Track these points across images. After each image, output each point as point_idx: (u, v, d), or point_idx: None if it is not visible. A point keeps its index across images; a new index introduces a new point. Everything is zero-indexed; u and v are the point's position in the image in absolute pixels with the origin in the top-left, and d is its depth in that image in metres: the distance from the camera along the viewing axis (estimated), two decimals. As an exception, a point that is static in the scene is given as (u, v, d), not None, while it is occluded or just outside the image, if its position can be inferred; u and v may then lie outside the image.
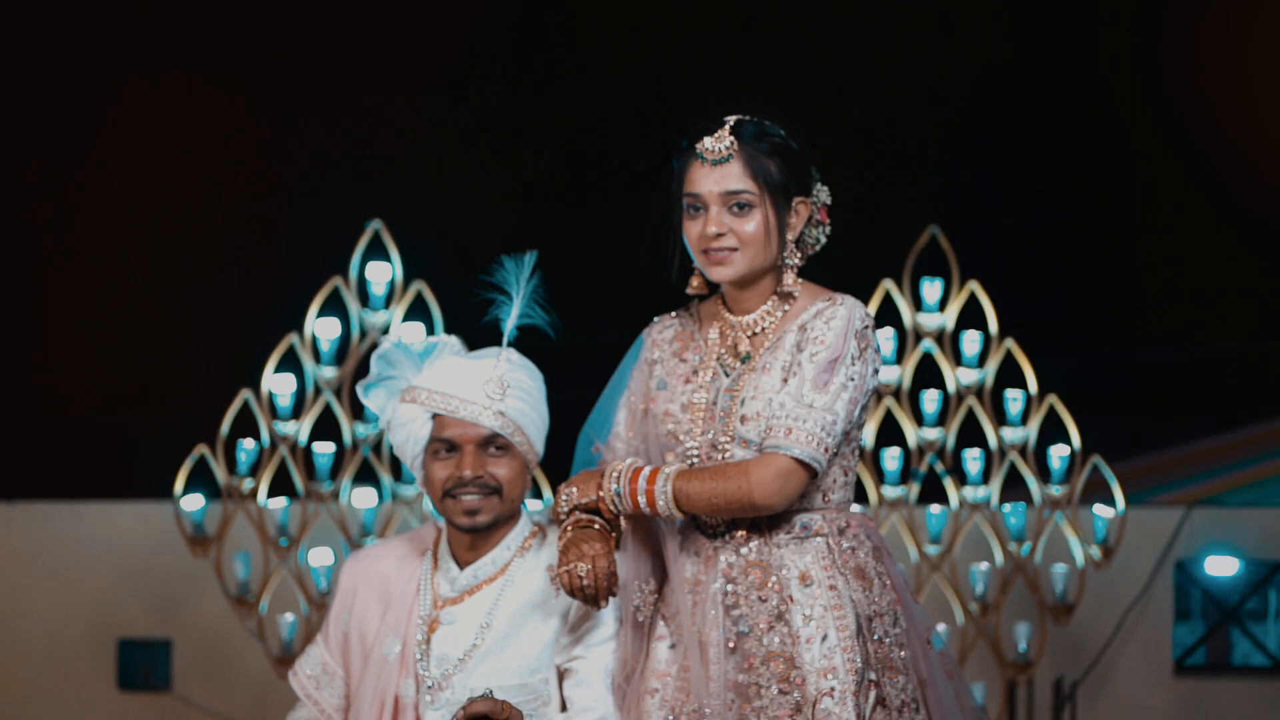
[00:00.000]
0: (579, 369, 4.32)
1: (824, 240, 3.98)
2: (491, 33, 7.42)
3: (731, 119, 3.90)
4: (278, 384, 6.60)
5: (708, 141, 3.87)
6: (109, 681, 7.35)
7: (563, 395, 4.24)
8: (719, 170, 3.87)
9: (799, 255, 3.93)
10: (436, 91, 7.41)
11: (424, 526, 4.18)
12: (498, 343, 4.05)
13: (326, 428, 6.65)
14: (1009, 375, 6.69)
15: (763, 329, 3.93)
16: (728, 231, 3.87)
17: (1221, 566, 7.02)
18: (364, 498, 6.63)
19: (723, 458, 3.87)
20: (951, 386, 6.71)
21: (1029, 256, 7.28)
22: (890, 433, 6.71)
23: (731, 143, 3.86)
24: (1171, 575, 7.09)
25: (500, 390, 4.00)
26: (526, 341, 4.08)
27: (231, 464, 6.62)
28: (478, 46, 7.40)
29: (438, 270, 6.56)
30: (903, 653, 3.91)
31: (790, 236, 3.89)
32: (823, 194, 3.96)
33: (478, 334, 4.10)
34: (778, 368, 3.87)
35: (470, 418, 3.98)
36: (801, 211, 3.90)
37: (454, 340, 4.11)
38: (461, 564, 4.04)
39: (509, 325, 4.06)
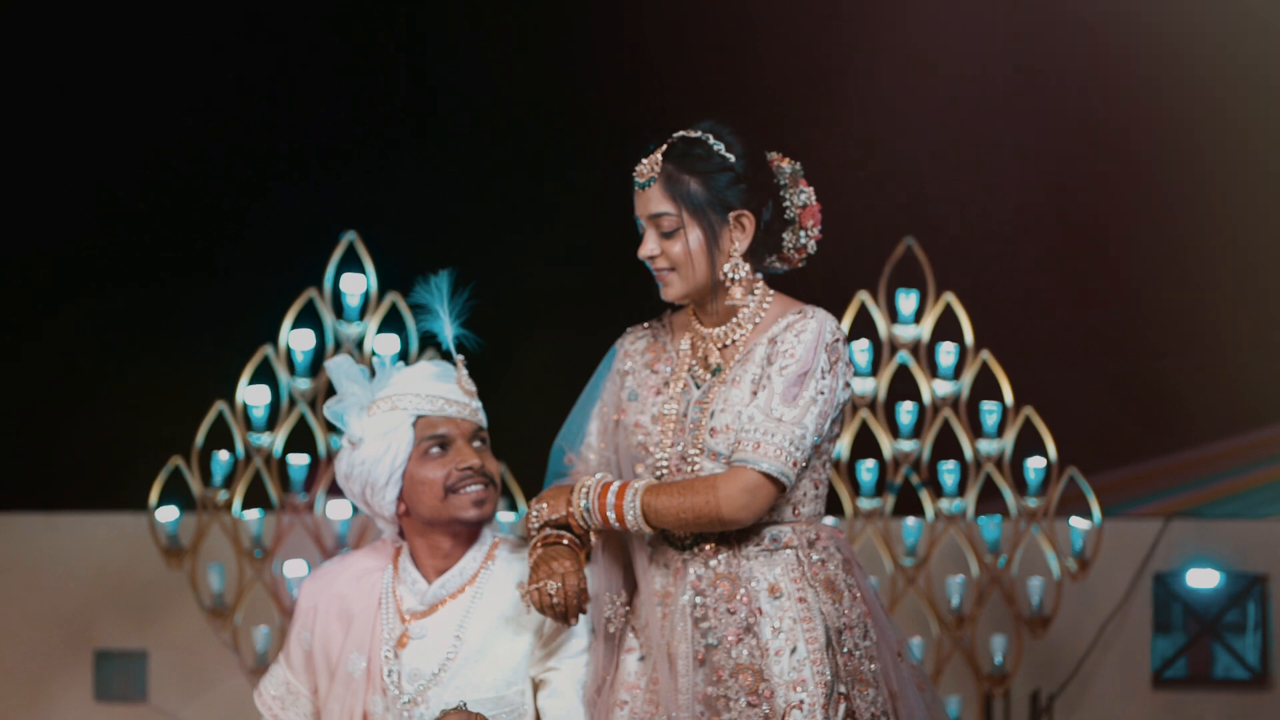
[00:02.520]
0: (560, 379, 4.33)
1: (809, 241, 3.97)
2: (468, 44, 7.42)
3: (677, 135, 3.92)
4: (252, 395, 6.58)
5: (641, 164, 3.91)
6: (85, 693, 7.34)
7: (535, 409, 4.27)
8: (645, 194, 3.91)
9: (748, 268, 3.91)
10: (412, 103, 7.41)
11: (380, 541, 4.18)
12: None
13: (301, 439, 6.64)
14: (985, 387, 6.68)
15: (733, 341, 3.93)
16: (660, 254, 3.90)
17: (1202, 579, 7.01)
18: (339, 509, 6.62)
19: (692, 470, 3.87)
20: (927, 398, 6.71)
21: (1005, 268, 7.27)
22: (865, 444, 6.70)
23: (656, 165, 3.89)
24: (1150, 587, 7.09)
25: (473, 389, 4.06)
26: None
27: (206, 476, 6.61)
28: (454, 57, 7.40)
29: (412, 282, 6.55)
30: (873, 666, 3.91)
31: (734, 250, 3.89)
32: (799, 197, 3.95)
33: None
34: (747, 380, 3.87)
35: (459, 415, 4.02)
36: (747, 226, 3.89)
37: (396, 361, 4.18)
38: (429, 576, 4.04)
39: (448, 337, 4.11)
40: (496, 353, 4.16)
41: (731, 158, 3.88)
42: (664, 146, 3.90)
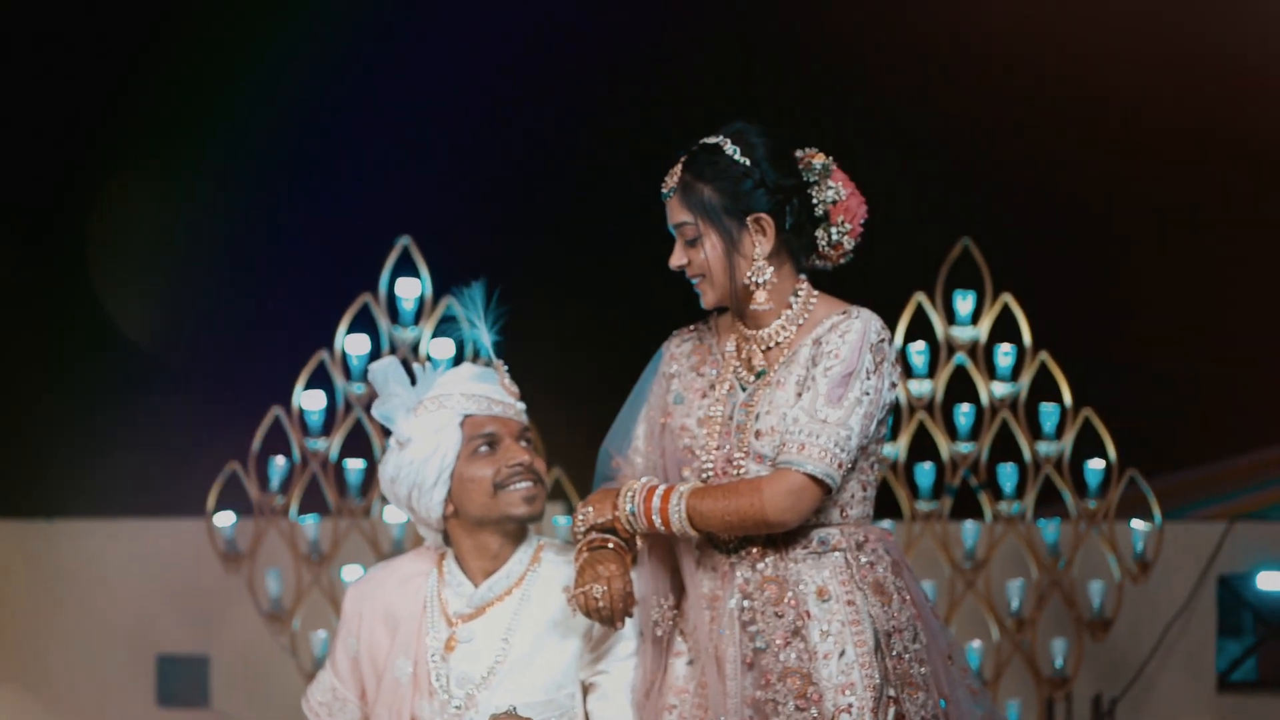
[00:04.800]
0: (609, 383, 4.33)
1: (843, 237, 3.94)
2: (524, 50, 7.42)
3: (698, 144, 3.91)
4: (308, 400, 6.59)
5: (666, 175, 3.90)
6: (149, 698, 7.38)
7: (590, 413, 4.28)
8: (669, 205, 3.94)
9: (771, 271, 3.89)
10: (467, 108, 7.42)
11: (423, 546, 4.18)
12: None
13: (357, 444, 6.64)
14: (1043, 388, 6.62)
15: (778, 343, 3.92)
16: (687, 263, 3.89)
17: (1272, 582, 6.95)
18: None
19: (738, 473, 3.86)
20: (985, 400, 6.65)
21: (1063, 268, 7.21)
22: (923, 446, 6.65)
23: (676, 175, 3.89)
24: (1214, 590, 7.02)
25: (516, 390, 4.09)
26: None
27: (263, 481, 6.62)
28: (508, 64, 7.40)
29: (467, 286, 6.55)
30: (923, 669, 3.88)
31: (758, 253, 3.87)
32: (828, 194, 3.93)
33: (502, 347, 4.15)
34: (792, 382, 3.85)
35: (505, 414, 4.05)
36: (766, 229, 3.87)
37: (450, 366, 4.19)
38: (476, 578, 4.03)
39: (486, 344, 4.14)
40: (547, 357, 4.17)
41: (747, 162, 3.86)
42: (685, 156, 3.91)
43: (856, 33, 7.31)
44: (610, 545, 3.88)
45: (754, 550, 3.87)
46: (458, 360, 6.41)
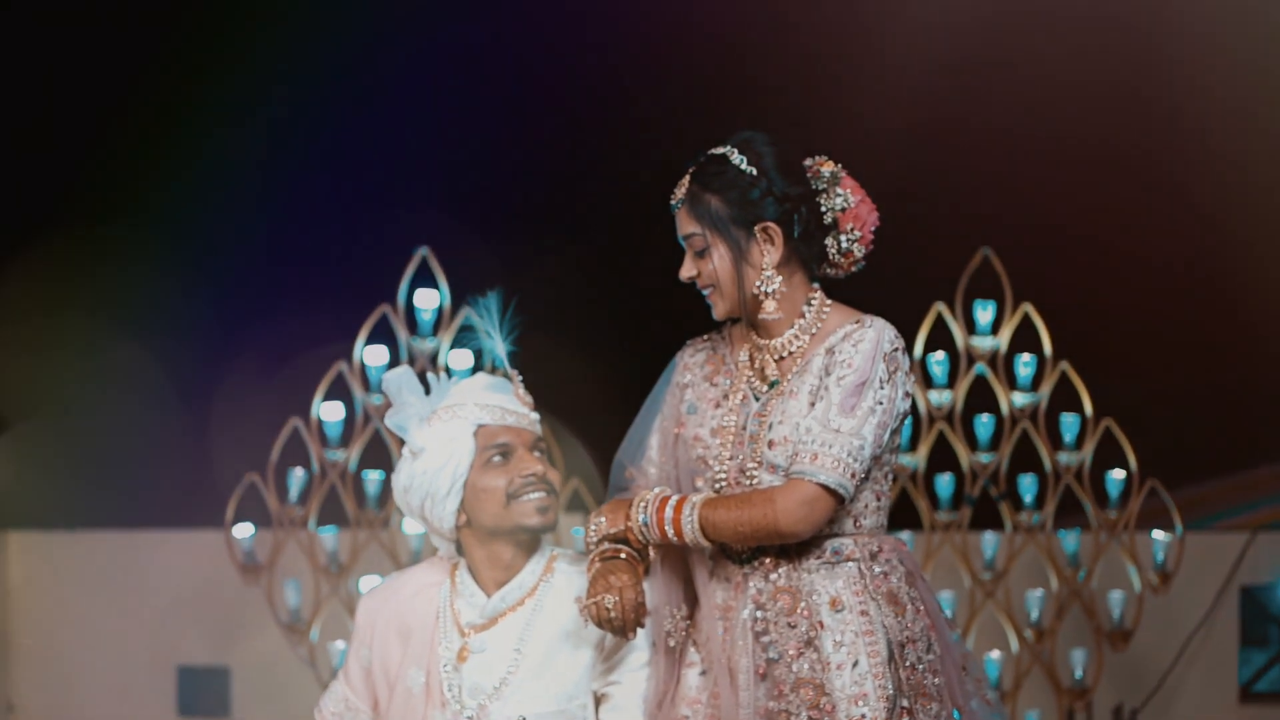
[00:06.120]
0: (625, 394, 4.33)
1: (853, 245, 3.93)
2: (541, 61, 7.43)
3: (705, 154, 3.91)
4: (327, 412, 6.60)
5: (675, 188, 3.90)
6: (169, 708, 7.39)
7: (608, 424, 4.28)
8: (677, 216, 3.94)
9: (780, 280, 3.88)
10: (484, 118, 7.42)
11: (436, 556, 4.18)
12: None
13: (376, 455, 6.65)
14: (1064, 398, 6.61)
15: (790, 353, 3.91)
16: (697, 274, 3.89)
17: (1296, 592, 6.95)
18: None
19: (751, 483, 3.85)
20: (1005, 410, 6.64)
21: (1083, 278, 7.19)
22: (943, 457, 6.64)
23: (684, 187, 3.90)
24: (1236, 601, 7.00)
25: (531, 400, 4.09)
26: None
27: (282, 492, 6.63)
28: (525, 75, 7.41)
29: (483, 296, 6.56)
30: (936, 679, 3.87)
31: (766, 263, 3.87)
32: (836, 201, 3.92)
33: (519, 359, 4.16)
34: (805, 392, 3.85)
35: (519, 424, 4.05)
36: (775, 238, 3.86)
37: (445, 377, 4.20)
38: (488, 588, 4.03)
39: (502, 354, 4.14)
40: (564, 367, 4.17)
41: (754, 171, 3.86)
42: (693, 167, 3.90)
43: (873, 41, 7.31)
44: (623, 555, 3.88)
45: (767, 560, 3.86)
46: (476, 371, 6.42)
